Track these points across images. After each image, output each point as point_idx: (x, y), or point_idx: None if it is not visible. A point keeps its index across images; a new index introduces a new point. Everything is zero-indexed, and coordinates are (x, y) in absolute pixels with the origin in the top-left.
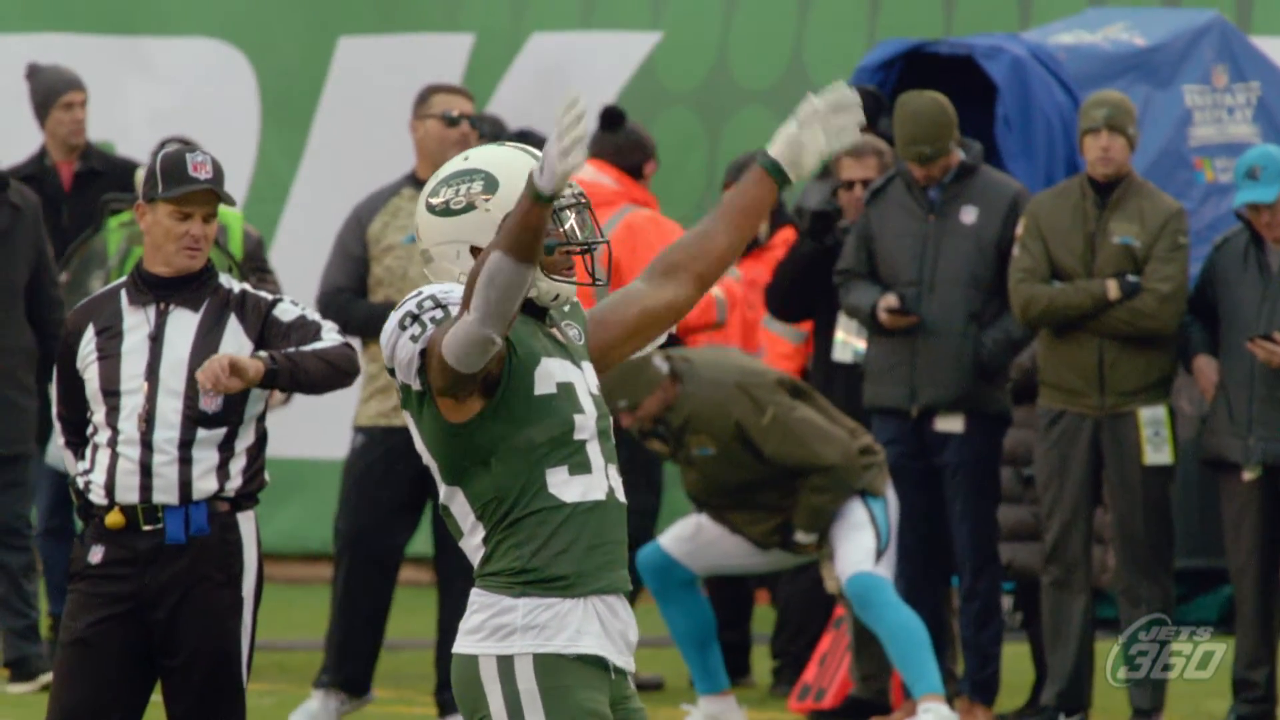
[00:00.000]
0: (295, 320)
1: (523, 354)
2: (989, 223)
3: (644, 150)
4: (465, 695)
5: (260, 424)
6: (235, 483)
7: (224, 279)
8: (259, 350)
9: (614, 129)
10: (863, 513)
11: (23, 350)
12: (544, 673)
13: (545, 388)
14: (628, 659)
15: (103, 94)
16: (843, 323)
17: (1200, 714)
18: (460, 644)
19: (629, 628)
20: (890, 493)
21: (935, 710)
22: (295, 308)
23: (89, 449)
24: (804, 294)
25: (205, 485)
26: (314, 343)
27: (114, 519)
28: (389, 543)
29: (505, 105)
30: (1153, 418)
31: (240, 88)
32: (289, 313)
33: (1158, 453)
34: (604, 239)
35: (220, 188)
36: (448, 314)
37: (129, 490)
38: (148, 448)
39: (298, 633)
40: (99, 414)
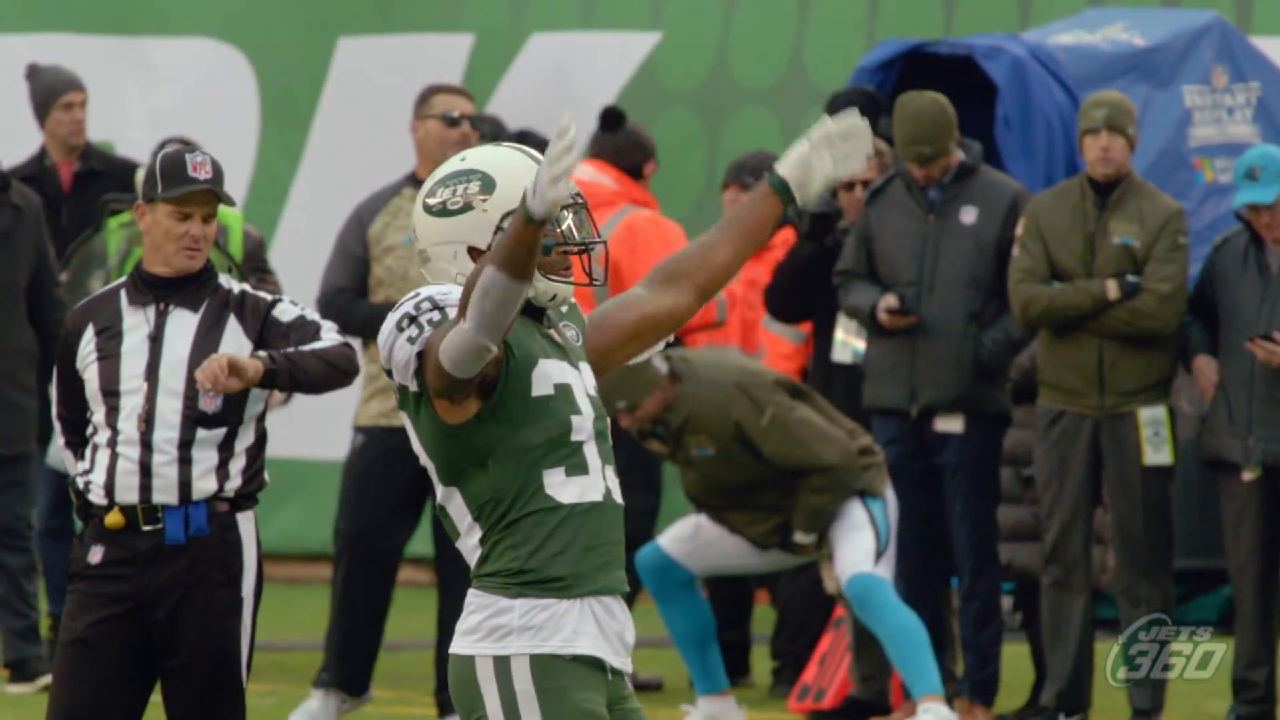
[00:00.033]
0: (294, 320)
1: (520, 356)
2: (989, 223)
3: (644, 151)
4: (462, 695)
5: (260, 424)
6: (235, 483)
7: (224, 279)
8: (258, 350)
9: (614, 129)
10: (862, 513)
11: (24, 351)
12: (540, 673)
13: (543, 389)
14: (624, 660)
15: (102, 94)
16: (842, 323)
17: (1200, 714)
18: (457, 644)
19: (626, 628)
20: (889, 493)
21: (935, 711)
22: (294, 308)
23: (88, 449)
24: (803, 295)
25: (205, 485)
26: (313, 343)
27: (113, 519)
28: (389, 543)
29: (505, 105)
30: (1152, 418)
31: (240, 88)
32: (288, 313)
33: (1157, 453)
34: (601, 239)
35: (220, 188)
36: (445, 316)
37: (128, 490)
38: (147, 448)
39: (297, 633)
40: (98, 414)
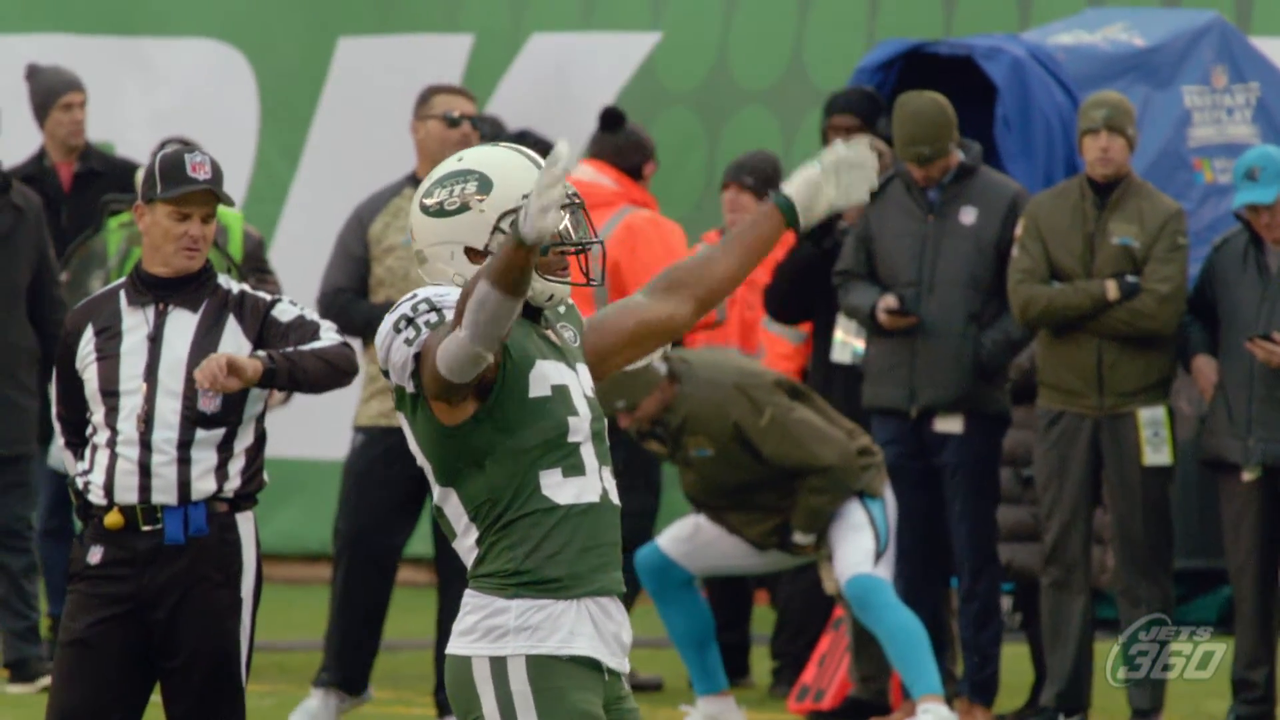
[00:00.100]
0: (294, 320)
1: (517, 357)
2: (988, 223)
3: (643, 151)
4: (459, 696)
5: (259, 424)
6: (234, 483)
7: (223, 279)
8: (257, 350)
9: (613, 130)
10: (861, 514)
11: (24, 351)
12: (537, 674)
13: (540, 390)
14: (621, 660)
15: (102, 95)
16: (841, 323)
17: (1200, 714)
18: (453, 645)
19: (622, 629)
20: (888, 493)
21: (934, 711)
22: (294, 308)
23: (88, 449)
24: (802, 296)
25: (204, 486)
26: (312, 342)
27: (113, 519)
28: (388, 543)
29: (505, 106)
30: (1152, 418)
31: (240, 88)
32: (287, 313)
33: (1157, 453)
34: (598, 239)
35: (219, 188)
36: (442, 318)
37: (128, 490)
38: (146, 448)
39: (297, 633)
40: (98, 414)
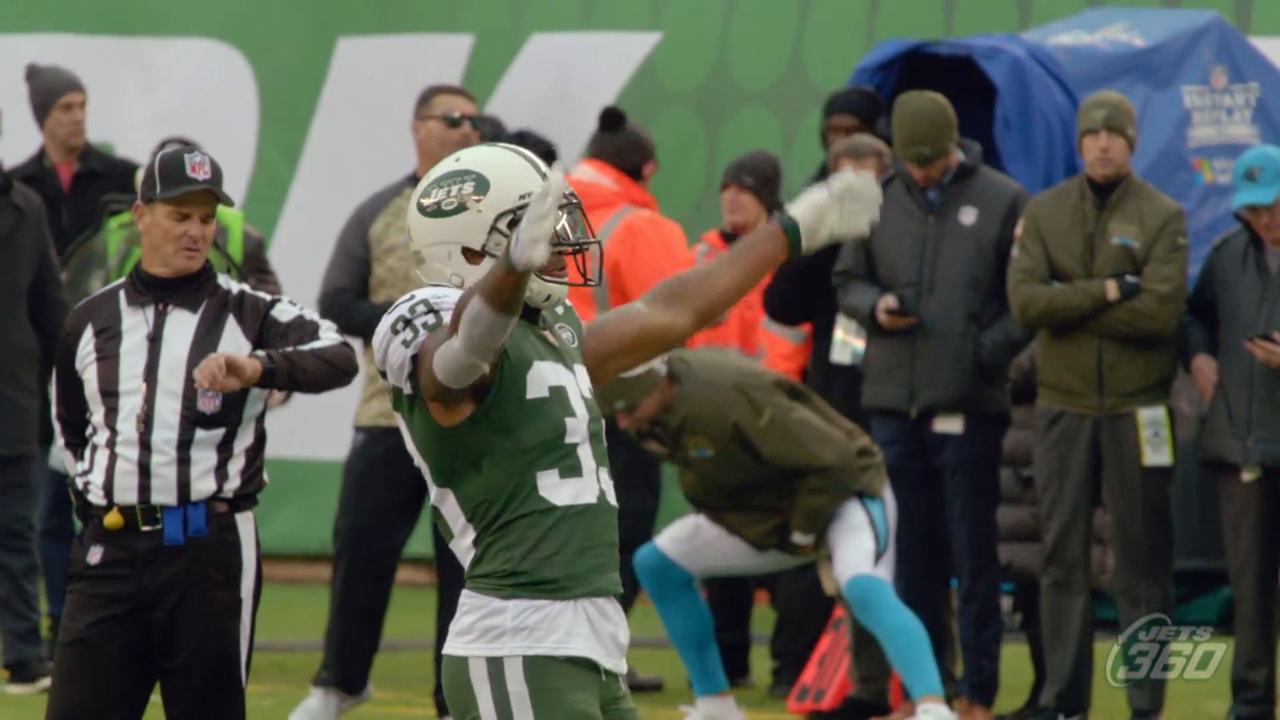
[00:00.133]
0: (293, 320)
1: (515, 358)
2: (988, 223)
3: (643, 151)
4: (455, 696)
5: (259, 424)
6: (234, 483)
7: (223, 280)
8: (257, 350)
9: (613, 130)
10: (861, 514)
11: (25, 351)
12: (534, 675)
13: (537, 392)
14: (618, 661)
15: (102, 95)
16: (841, 323)
17: (1200, 714)
18: (450, 645)
19: (620, 630)
20: (888, 494)
21: (934, 711)
22: (293, 308)
23: (88, 449)
24: (802, 296)
25: (203, 486)
26: (312, 342)
27: (112, 520)
28: (388, 542)
29: (505, 106)
30: (1152, 418)
31: (239, 89)
32: (287, 313)
33: (1157, 453)
34: (596, 239)
35: (218, 188)
36: (440, 320)
37: (127, 491)
38: (146, 448)
39: (297, 633)
40: (97, 415)
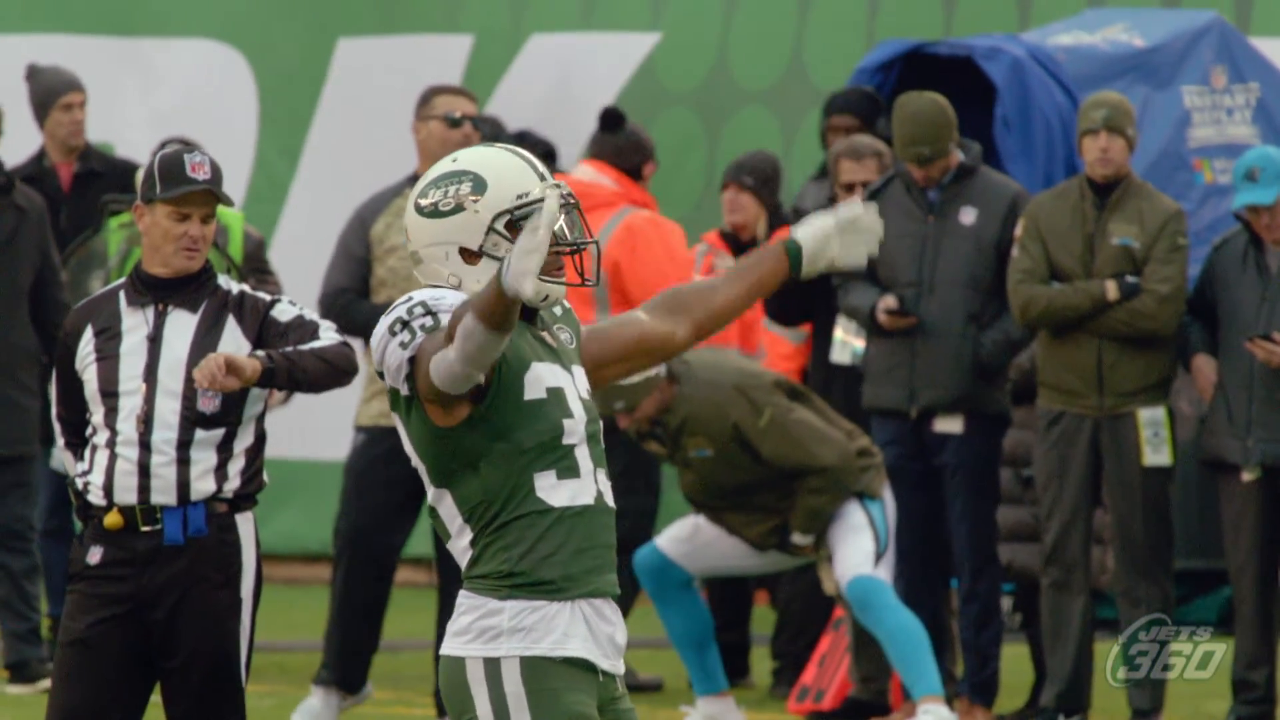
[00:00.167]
0: (293, 320)
1: (512, 360)
2: (988, 224)
3: (643, 151)
4: (453, 697)
5: (259, 425)
6: (233, 484)
7: (222, 280)
8: (257, 350)
9: (613, 130)
10: (861, 515)
11: (26, 352)
12: (531, 675)
13: (535, 393)
14: (615, 662)
15: (102, 95)
16: (841, 322)
17: (1200, 715)
18: (447, 646)
19: (617, 631)
20: (887, 494)
21: (934, 712)
22: (293, 308)
23: (87, 450)
24: (802, 297)
25: (203, 486)
26: (311, 342)
27: (112, 520)
28: (388, 542)
29: (505, 106)
30: (1152, 419)
31: (239, 89)
32: (287, 313)
33: (1157, 454)
34: (593, 239)
35: (218, 188)
36: (437, 321)
37: (127, 491)
38: (146, 449)
39: (297, 634)
40: (97, 415)
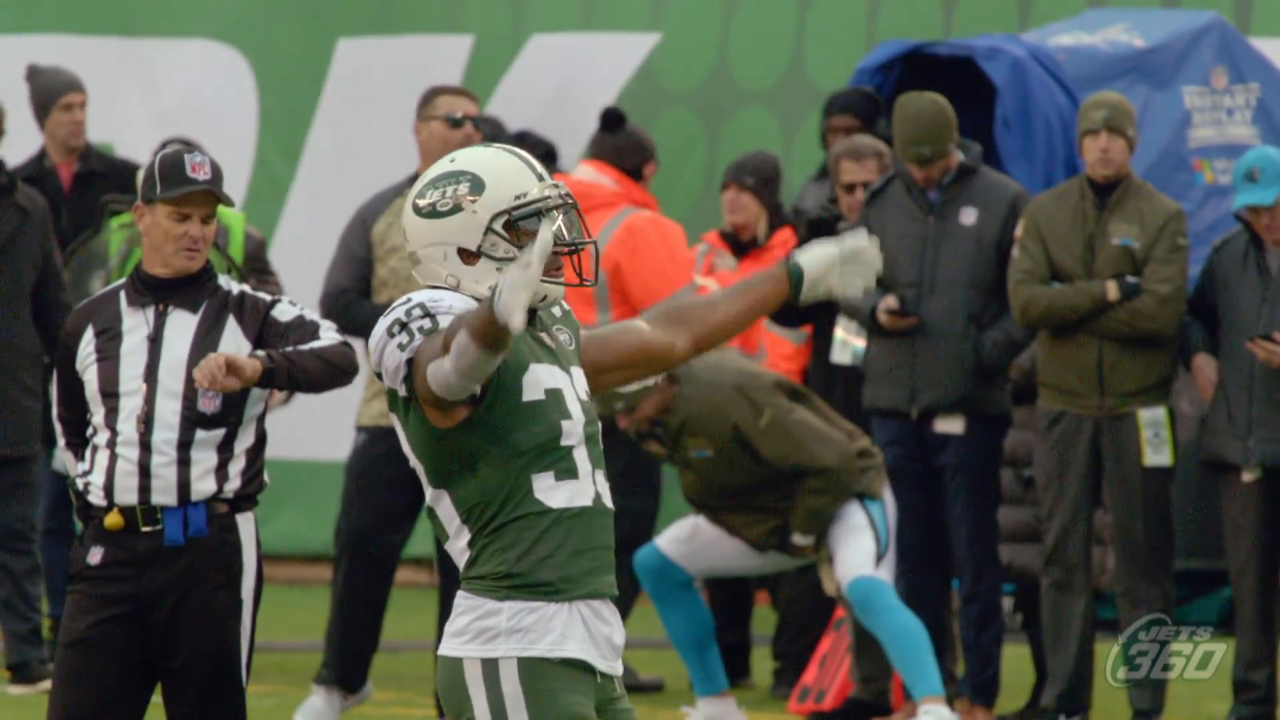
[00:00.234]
0: (293, 320)
1: (511, 361)
2: (989, 224)
3: (644, 152)
4: (450, 697)
5: (260, 425)
6: (234, 484)
7: (223, 280)
8: (257, 350)
9: (614, 130)
10: (861, 516)
11: (29, 352)
12: (528, 676)
13: (533, 394)
14: (613, 663)
15: (102, 95)
16: (842, 323)
17: (1200, 715)
18: (445, 646)
19: (615, 632)
20: (888, 495)
21: (935, 712)
22: (293, 308)
23: (88, 450)
24: None
25: (204, 486)
26: (312, 342)
27: (113, 520)
28: (389, 541)
29: (505, 107)
30: (1152, 419)
31: (240, 89)
32: (287, 313)
33: (1157, 454)
34: (591, 239)
35: (219, 188)
36: (436, 324)
37: (127, 491)
38: (146, 449)
39: (298, 634)
40: (98, 415)
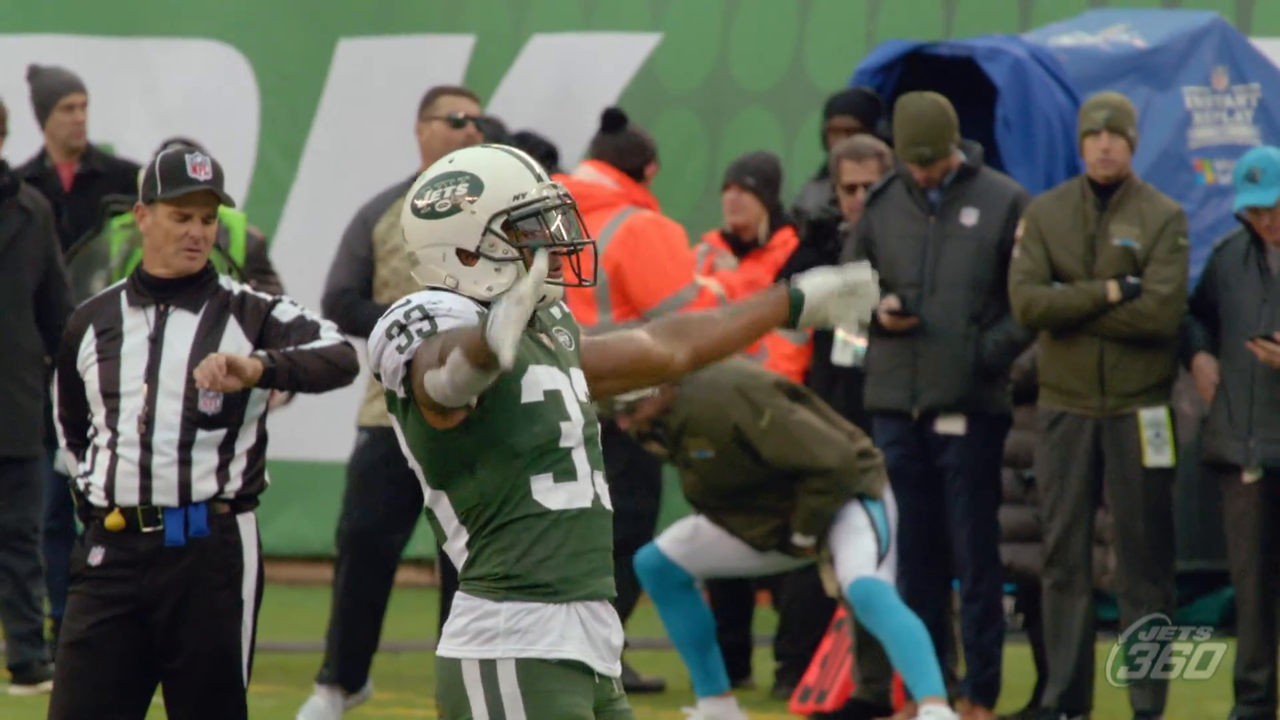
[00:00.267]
0: (294, 320)
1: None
2: (989, 224)
3: (645, 152)
4: (448, 697)
5: (261, 425)
6: (235, 484)
7: (224, 280)
8: (258, 350)
9: (615, 131)
10: (862, 516)
11: (31, 353)
12: (526, 677)
13: (532, 395)
14: (611, 665)
15: (103, 96)
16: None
17: (1202, 716)
18: (443, 646)
19: (614, 633)
20: (888, 496)
21: (937, 712)
22: (294, 308)
23: (89, 451)
24: None
25: (205, 487)
26: (313, 342)
27: (113, 521)
28: (390, 540)
29: (506, 107)
30: (1153, 419)
31: (240, 90)
32: (288, 313)
33: (1158, 454)
34: (590, 240)
35: (219, 189)
36: (434, 326)
37: (128, 492)
38: (147, 449)
39: (299, 635)
40: (99, 416)
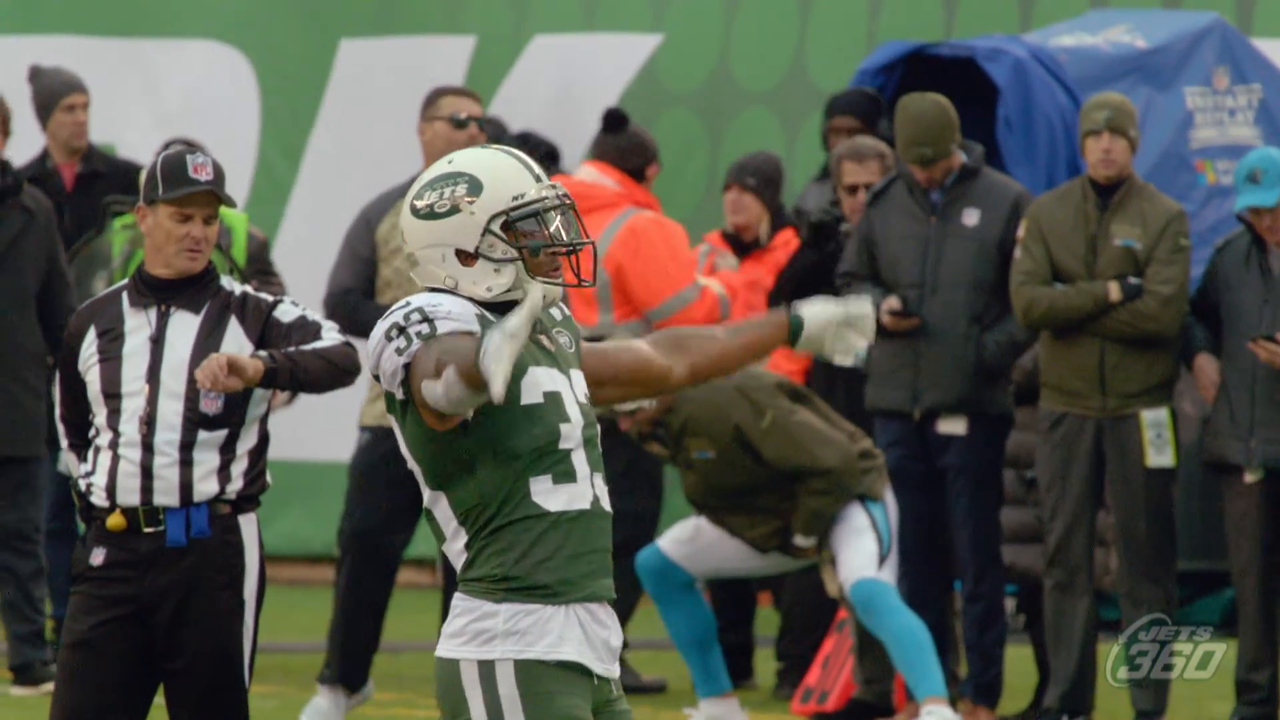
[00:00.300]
0: (295, 320)
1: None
2: (991, 225)
3: (646, 152)
4: (447, 698)
5: (263, 426)
6: (236, 485)
7: (225, 281)
8: (259, 350)
9: (616, 131)
10: (863, 517)
11: (33, 354)
12: (525, 678)
13: (532, 397)
14: (610, 666)
15: (104, 96)
16: None
17: (1203, 716)
18: (442, 647)
19: (613, 635)
20: (889, 496)
21: (938, 713)
22: (296, 308)
23: (90, 451)
24: (805, 298)
25: (206, 487)
26: (314, 342)
27: (115, 521)
28: (392, 540)
29: (507, 107)
30: (1155, 420)
31: (242, 90)
32: (289, 313)
33: (1160, 455)
34: (589, 240)
35: (221, 189)
36: (434, 329)
37: (130, 492)
38: (148, 450)
39: (300, 635)
40: (100, 416)
